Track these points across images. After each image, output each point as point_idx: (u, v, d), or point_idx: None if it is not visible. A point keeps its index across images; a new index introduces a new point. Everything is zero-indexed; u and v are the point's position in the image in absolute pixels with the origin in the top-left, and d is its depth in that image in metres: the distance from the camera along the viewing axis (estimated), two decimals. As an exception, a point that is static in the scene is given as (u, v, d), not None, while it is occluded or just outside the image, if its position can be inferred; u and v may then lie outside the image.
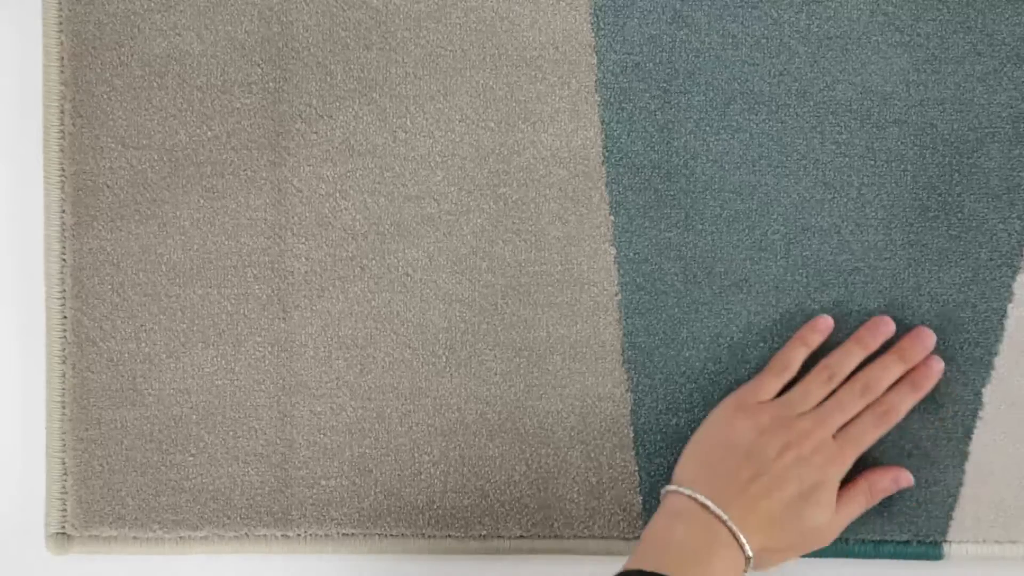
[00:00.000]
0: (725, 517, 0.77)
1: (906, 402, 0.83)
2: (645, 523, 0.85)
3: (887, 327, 0.84)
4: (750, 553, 0.77)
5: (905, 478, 0.84)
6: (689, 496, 0.79)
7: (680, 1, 0.85)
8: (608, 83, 0.86)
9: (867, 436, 0.82)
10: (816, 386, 0.83)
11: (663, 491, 0.81)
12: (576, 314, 0.86)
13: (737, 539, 0.77)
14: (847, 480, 0.82)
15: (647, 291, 0.86)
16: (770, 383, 0.83)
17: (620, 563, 0.86)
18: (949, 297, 0.85)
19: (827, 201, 0.85)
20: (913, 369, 0.84)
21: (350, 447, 0.86)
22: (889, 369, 0.83)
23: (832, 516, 0.80)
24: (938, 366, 0.84)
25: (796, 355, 0.84)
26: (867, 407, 0.82)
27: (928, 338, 0.84)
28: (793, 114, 0.85)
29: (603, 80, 0.86)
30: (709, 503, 0.78)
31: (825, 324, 0.85)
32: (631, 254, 0.86)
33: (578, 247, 0.86)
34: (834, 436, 0.81)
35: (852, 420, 0.82)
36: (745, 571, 0.78)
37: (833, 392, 0.83)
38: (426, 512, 0.86)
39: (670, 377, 0.86)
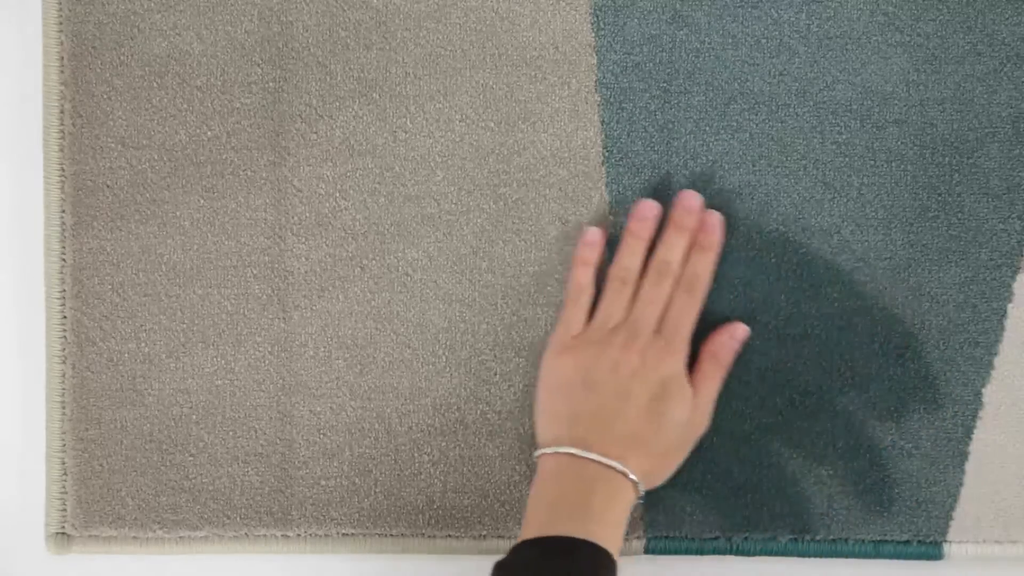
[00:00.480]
0: (593, 456, 0.77)
1: (703, 264, 0.82)
2: (645, 523, 0.85)
3: (652, 210, 0.83)
4: (634, 477, 0.77)
5: (740, 329, 0.83)
6: (553, 453, 0.78)
7: (680, 1, 0.85)
8: (608, 83, 0.86)
9: (685, 315, 0.81)
10: (615, 295, 0.82)
11: (533, 460, 0.81)
12: (576, 314, 0.86)
13: (615, 469, 0.77)
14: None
15: (647, 291, 0.86)
16: (574, 315, 0.83)
17: (621, 562, 0.86)
18: (949, 297, 0.85)
19: (827, 201, 0.85)
20: (696, 233, 0.83)
21: (350, 447, 0.86)
22: (673, 244, 0.82)
23: (692, 404, 0.80)
24: (713, 218, 0.83)
25: (584, 277, 0.83)
26: (673, 290, 0.82)
27: (689, 197, 0.83)
28: (793, 114, 0.85)
29: (603, 80, 0.86)
30: (572, 450, 0.77)
31: (594, 236, 0.84)
32: (631, 254, 0.86)
33: (578, 247, 0.86)
34: (658, 331, 0.81)
35: (667, 308, 0.81)
36: (640, 495, 0.78)
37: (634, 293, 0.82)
38: (426, 512, 0.86)
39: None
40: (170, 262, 0.86)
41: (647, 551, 0.86)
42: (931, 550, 0.85)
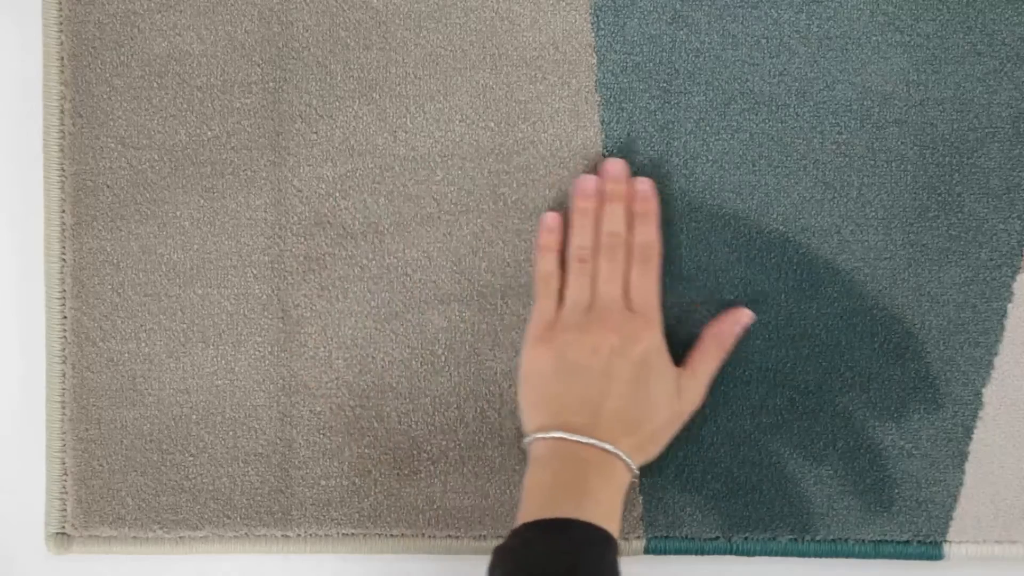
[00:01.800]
0: (583, 439, 0.77)
1: (647, 232, 0.82)
2: (645, 523, 0.85)
3: (594, 183, 0.83)
4: (625, 457, 0.77)
5: (745, 315, 0.84)
6: (543, 439, 0.78)
7: (680, 1, 0.85)
8: (608, 83, 0.86)
9: (648, 287, 0.82)
10: (577, 276, 0.82)
11: (524, 448, 0.81)
12: (576, 314, 0.86)
13: (606, 451, 0.77)
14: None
15: (647, 291, 0.86)
16: (545, 303, 0.83)
17: (622, 562, 0.86)
18: (949, 297, 0.85)
19: (827, 201, 0.85)
20: (631, 203, 0.83)
21: (350, 447, 0.86)
22: (612, 215, 0.82)
23: (676, 376, 0.81)
24: (643, 185, 0.83)
25: (548, 264, 0.83)
26: (628, 263, 0.82)
27: (612, 165, 0.83)
28: (793, 114, 0.85)
29: (603, 80, 0.86)
30: (562, 434, 0.78)
31: (552, 221, 0.83)
32: (631, 254, 0.86)
33: (578, 247, 0.86)
34: (628, 308, 0.81)
35: (628, 283, 0.81)
36: (634, 474, 0.79)
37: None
38: (426, 512, 0.86)
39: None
40: (170, 262, 0.86)
41: (647, 551, 0.86)
42: (931, 550, 0.85)
